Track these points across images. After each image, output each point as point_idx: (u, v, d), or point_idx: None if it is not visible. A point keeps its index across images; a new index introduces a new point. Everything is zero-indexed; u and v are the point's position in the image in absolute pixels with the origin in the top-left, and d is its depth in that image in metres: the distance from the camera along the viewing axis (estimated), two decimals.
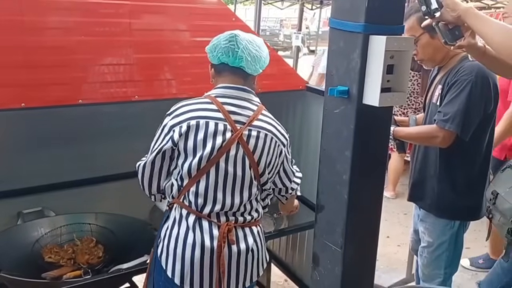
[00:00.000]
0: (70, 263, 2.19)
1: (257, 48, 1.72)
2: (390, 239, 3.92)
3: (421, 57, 2.18)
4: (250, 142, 1.68)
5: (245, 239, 1.72)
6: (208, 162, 1.64)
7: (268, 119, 1.77)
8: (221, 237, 1.64)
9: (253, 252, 1.74)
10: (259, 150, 1.69)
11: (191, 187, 1.66)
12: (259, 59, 1.73)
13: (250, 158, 1.68)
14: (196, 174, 1.65)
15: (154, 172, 1.75)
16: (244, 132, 1.67)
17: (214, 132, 1.63)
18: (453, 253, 2.26)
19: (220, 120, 1.65)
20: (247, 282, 1.75)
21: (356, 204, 1.23)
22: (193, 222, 1.66)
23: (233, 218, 1.70)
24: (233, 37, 1.68)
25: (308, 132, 2.64)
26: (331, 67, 1.24)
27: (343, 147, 1.22)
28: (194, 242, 1.65)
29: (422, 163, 2.28)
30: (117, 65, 2.09)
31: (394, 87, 1.21)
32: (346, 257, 1.24)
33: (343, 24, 1.20)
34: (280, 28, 20.08)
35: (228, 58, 1.69)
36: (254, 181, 1.72)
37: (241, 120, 1.69)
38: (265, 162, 1.72)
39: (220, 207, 1.66)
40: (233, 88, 1.72)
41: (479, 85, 2.01)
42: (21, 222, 2.39)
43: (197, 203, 1.66)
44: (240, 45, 1.67)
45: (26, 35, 1.89)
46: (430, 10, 1.61)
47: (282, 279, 3.17)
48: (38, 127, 2.39)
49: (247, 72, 1.72)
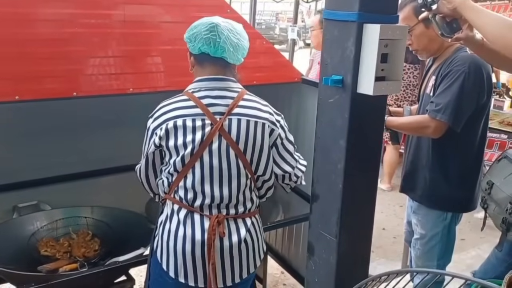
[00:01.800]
0: (66, 256, 2.19)
1: (238, 36, 1.67)
2: (386, 231, 3.94)
3: (415, 47, 2.18)
4: (232, 131, 1.64)
5: (238, 231, 1.70)
6: (191, 158, 1.63)
7: (251, 103, 1.70)
8: (210, 229, 1.63)
9: (247, 244, 1.72)
10: (242, 138, 1.65)
11: (179, 182, 1.67)
12: (242, 48, 1.68)
13: (234, 148, 1.64)
14: (182, 169, 1.65)
15: (149, 174, 1.77)
16: (224, 123, 1.63)
17: (193, 129, 1.61)
18: (445, 245, 2.27)
19: (197, 116, 1.63)
20: (244, 273, 1.74)
21: (350, 193, 1.23)
22: (184, 216, 1.67)
23: (225, 210, 1.68)
24: (214, 27, 1.63)
25: (304, 124, 2.64)
26: (325, 56, 1.24)
27: (337, 136, 1.22)
28: (185, 236, 1.65)
29: (415, 154, 2.28)
30: (111, 57, 2.08)
31: (389, 75, 1.21)
32: (341, 246, 1.24)
33: (338, 14, 1.20)
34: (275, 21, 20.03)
35: (209, 49, 1.64)
36: (244, 170, 1.68)
37: (220, 110, 1.65)
38: (252, 149, 1.67)
39: (209, 200, 1.65)
40: (209, 80, 1.68)
41: (472, 76, 2.00)
42: (16, 216, 2.39)
43: (187, 197, 1.66)
44: (221, 35, 1.62)
45: (19, 27, 1.87)
46: (427, 3, 1.61)
47: (278, 271, 3.19)
48: (33, 120, 2.38)
49: (228, 61, 1.68)
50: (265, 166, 1.72)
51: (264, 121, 1.68)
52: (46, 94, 1.94)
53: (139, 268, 2.32)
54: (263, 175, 1.74)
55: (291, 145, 1.77)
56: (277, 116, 1.76)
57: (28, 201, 2.45)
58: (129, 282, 2.17)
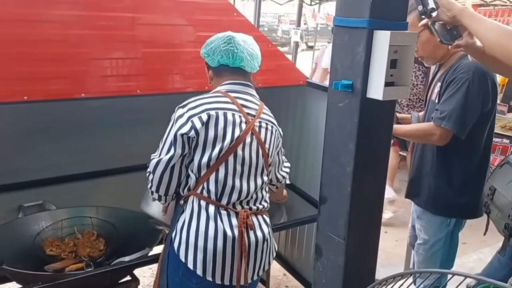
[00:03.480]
0: (71, 256, 2.21)
1: (252, 46, 1.81)
2: (388, 234, 3.95)
3: (421, 54, 2.19)
4: (261, 132, 1.78)
5: (261, 227, 1.78)
6: (227, 150, 1.69)
7: (269, 113, 1.87)
8: (241, 223, 1.69)
9: (267, 241, 1.80)
10: (268, 140, 1.80)
11: (209, 175, 1.69)
12: (256, 56, 1.82)
13: (262, 147, 1.77)
14: (215, 163, 1.69)
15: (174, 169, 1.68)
16: (255, 124, 1.76)
17: (233, 122, 1.71)
18: (448, 250, 2.27)
19: (236, 112, 1.73)
20: (261, 271, 1.81)
21: (359, 196, 1.25)
22: (213, 212, 1.69)
23: (247, 207, 1.76)
24: (231, 39, 1.75)
25: (308, 127, 2.65)
26: (335, 61, 1.26)
27: (347, 140, 1.24)
28: (216, 231, 1.68)
29: (420, 160, 2.29)
30: (119, 59, 2.10)
31: (398, 81, 1.23)
32: (348, 248, 1.26)
33: (348, 21, 1.21)
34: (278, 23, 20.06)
35: (228, 60, 1.76)
36: (265, 170, 1.81)
37: (251, 112, 1.77)
38: (272, 152, 1.83)
39: (237, 195, 1.72)
40: (240, 84, 1.80)
41: (476, 84, 2.01)
42: (22, 216, 2.39)
43: (217, 192, 1.70)
44: (239, 46, 1.75)
45: (28, 28, 1.89)
46: (427, 10, 1.62)
47: (281, 273, 3.20)
48: (38, 121, 2.39)
49: (246, 70, 1.80)
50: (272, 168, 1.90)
51: (279, 132, 1.89)
52: (55, 95, 1.95)
53: (142, 269, 2.34)
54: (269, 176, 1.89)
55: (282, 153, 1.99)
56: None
57: (34, 201, 2.46)
58: (134, 282, 2.18)
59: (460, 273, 0.76)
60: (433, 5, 1.61)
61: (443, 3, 1.59)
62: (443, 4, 1.59)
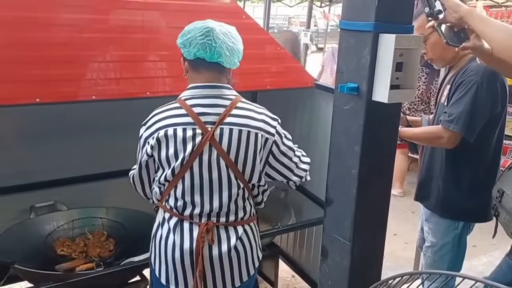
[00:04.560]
0: (82, 256, 2.24)
1: (233, 40, 1.64)
2: (397, 236, 3.93)
3: (430, 56, 2.18)
4: (223, 141, 1.60)
5: (228, 239, 1.67)
6: (182, 168, 1.61)
7: (244, 112, 1.65)
8: (199, 237, 1.62)
9: (238, 252, 1.68)
10: (233, 148, 1.61)
11: (170, 191, 1.67)
12: (237, 51, 1.65)
13: (225, 158, 1.61)
14: (173, 179, 1.64)
15: (144, 181, 1.78)
16: (215, 132, 1.60)
17: (183, 139, 1.59)
18: (456, 254, 2.26)
19: (188, 125, 1.60)
20: (236, 281, 1.71)
21: (364, 198, 1.26)
22: (174, 224, 1.67)
23: (215, 218, 1.67)
24: (209, 31, 1.59)
25: (316, 129, 2.65)
26: (341, 64, 1.27)
27: (352, 142, 1.25)
28: (174, 244, 1.66)
29: (429, 163, 2.28)
30: (129, 61, 2.12)
31: (403, 84, 1.23)
32: (354, 250, 1.27)
33: (354, 24, 1.22)
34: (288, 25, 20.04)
35: (205, 54, 1.60)
36: (235, 181, 1.64)
37: (212, 120, 1.61)
38: (244, 159, 1.63)
39: (199, 210, 1.64)
40: (202, 87, 1.65)
41: (485, 86, 2.00)
42: (34, 216, 2.43)
43: (177, 206, 1.66)
44: (217, 40, 1.59)
45: (40, 32, 1.92)
46: (434, 12, 1.61)
47: (289, 274, 3.20)
48: (51, 123, 2.43)
49: (224, 66, 1.64)
50: (259, 175, 1.69)
51: (257, 131, 1.64)
52: (66, 97, 1.98)
53: None
54: (259, 182, 1.71)
55: (289, 150, 1.73)
56: (273, 121, 1.70)
57: (45, 202, 2.49)
58: (143, 282, 2.21)
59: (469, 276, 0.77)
60: (440, 7, 1.60)
61: (449, 4, 1.58)
62: (449, 5, 1.59)
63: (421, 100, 4.52)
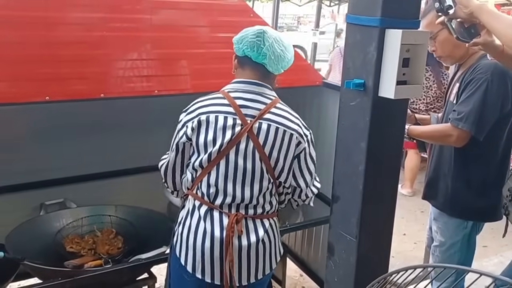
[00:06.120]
0: (90, 253, 2.25)
1: (282, 48, 1.72)
2: (406, 236, 3.91)
3: (440, 54, 2.16)
4: (260, 135, 1.68)
5: (256, 231, 1.72)
6: (218, 154, 1.66)
7: (282, 112, 1.75)
8: (229, 227, 1.66)
9: (265, 244, 1.74)
10: (269, 143, 1.69)
11: (203, 177, 1.71)
12: (283, 59, 1.73)
13: (260, 151, 1.68)
14: (207, 165, 1.69)
15: (176, 167, 1.80)
16: (254, 126, 1.67)
17: (223, 126, 1.66)
18: (465, 253, 2.24)
19: (229, 114, 1.68)
20: (259, 274, 1.76)
21: (371, 194, 1.25)
22: (204, 213, 1.70)
23: (244, 210, 1.71)
24: (261, 33, 1.69)
25: (324, 128, 2.65)
26: (347, 60, 1.26)
27: (359, 139, 1.24)
28: (205, 232, 1.69)
29: (437, 161, 2.26)
30: (138, 60, 2.13)
31: (410, 80, 1.23)
32: (360, 247, 1.26)
33: (360, 19, 1.22)
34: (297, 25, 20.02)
35: (252, 53, 1.70)
36: (266, 175, 1.71)
37: (252, 113, 1.69)
38: (277, 155, 1.70)
39: (230, 199, 1.69)
40: (246, 83, 1.73)
41: (495, 84, 1.97)
42: (43, 213, 2.46)
43: (209, 194, 1.70)
44: (266, 42, 1.68)
45: (50, 30, 1.94)
46: (444, 7, 1.60)
47: (297, 273, 3.19)
48: (61, 121, 2.45)
49: (268, 69, 1.72)
50: (287, 174, 1.75)
51: (293, 132, 1.72)
52: (75, 95, 2.00)
53: (159, 267, 2.37)
54: (285, 182, 1.77)
55: (312, 163, 1.80)
56: (306, 130, 1.79)
57: (55, 199, 2.52)
58: (151, 280, 2.22)
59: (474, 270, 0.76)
60: (450, 2, 1.58)
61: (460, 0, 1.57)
62: (460, 1, 1.57)
63: (436, 98, 4.48)
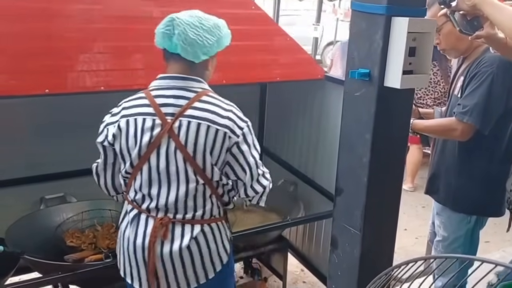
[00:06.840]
0: (91, 247, 2.24)
1: (200, 32, 1.53)
2: (408, 231, 3.89)
3: (443, 47, 2.14)
4: (181, 134, 1.54)
5: (182, 237, 1.61)
6: (140, 160, 1.58)
7: (208, 106, 1.57)
8: (152, 232, 1.58)
9: (191, 252, 1.61)
10: (191, 141, 1.54)
11: (131, 183, 1.65)
12: (200, 45, 1.54)
13: (182, 151, 1.55)
14: (132, 171, 1.62)
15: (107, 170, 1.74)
16: (174, 125, 1.54)
17: (142, 129, 1.56)
18: (468, 248, 2.22)
19: (148, 115, 1.57)
20: (192, 282, 1.64)
21: (375, 187, 1.23)
22: (132, 217, 1.66)
23: (172, 214, 1.61)
24: (170, 22, 1.54)
25: (326, 122, 2.63)
26: (352, 49, 1.24)
27: (363, 130, 1.22)
28: (129, 238, 1.65)
29: (440, 156, 2.24)
30: (138, 53, 2.11)
31: (416, 69, 1.20)
32: (364, 240, 1.24)
33: (366, 6, 1.20)
34: None
35: (165, 44, 1.56)
36: (193, 176, 1.57)
37: (173, 111, 1.56)
38: (203, 154, 1.56)
39: (155, 203, 1.60)
40: (168, 78, 1.61)
41: (500, 77, 1.96)
42: (44, 207, 2.44)
43: (136, 199, 1.64)
44: (176, 30, 1.52)
45: (49, 23, 1.92)
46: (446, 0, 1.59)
47: (298, 268, 3.18)
48: (61, 115, 2.43)
49: (187, 59, 1.57)
50: (220, 172, 1.61)
51: (219, 127, 1.56)
52: (75, 88, 1.98)
53: None
54: (221, 180, 1.63)
55: (251, 156, 1.61)
56: (242, 122, 1.61)
57: (55, 193, 2.50)
58: None
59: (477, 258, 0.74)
60: None
61: None
62: None
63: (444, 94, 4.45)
